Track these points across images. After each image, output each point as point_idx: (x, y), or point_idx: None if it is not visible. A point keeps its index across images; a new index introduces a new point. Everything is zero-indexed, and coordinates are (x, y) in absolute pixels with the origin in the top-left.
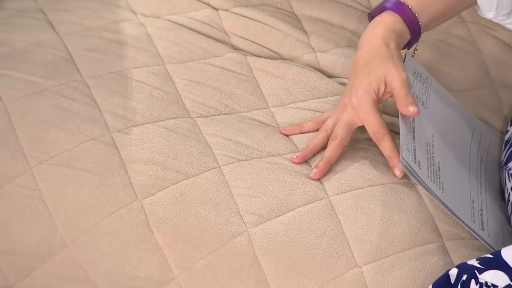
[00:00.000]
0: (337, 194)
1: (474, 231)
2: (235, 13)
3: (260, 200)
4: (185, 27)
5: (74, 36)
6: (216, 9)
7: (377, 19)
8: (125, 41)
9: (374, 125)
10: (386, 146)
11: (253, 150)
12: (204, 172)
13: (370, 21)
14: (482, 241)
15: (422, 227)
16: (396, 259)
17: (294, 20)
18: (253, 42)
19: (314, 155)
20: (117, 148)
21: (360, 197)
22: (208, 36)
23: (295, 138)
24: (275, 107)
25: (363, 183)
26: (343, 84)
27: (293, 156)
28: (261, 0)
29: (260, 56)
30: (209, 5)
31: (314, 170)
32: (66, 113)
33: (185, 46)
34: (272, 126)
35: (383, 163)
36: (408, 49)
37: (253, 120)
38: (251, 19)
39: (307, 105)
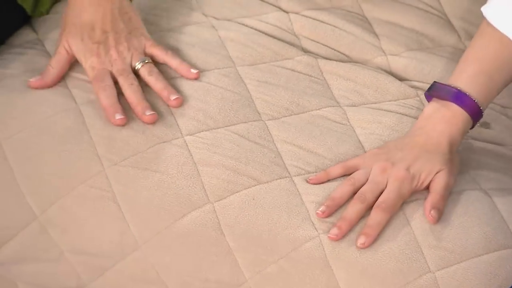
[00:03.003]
0: (407, 202)
1: None
2: (305, 16)
3: None
4: (256, 29)
5: None
6: (287, 12)
7: (446, 114)
8: (196, 44)
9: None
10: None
11: (324, 160)
12: (276, 179)
13: (428, 99)
14: None
15: (496, 232)
16: (471, 265)
17: (364, 23)
18: (323, 45)
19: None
20: (189, 151)
21: None
22: (278, 39)
23: (365, 144)
24: (346, 106)
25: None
26: (415, 87)
27: (318, 211)
28: (331, 3)
29: (330, 59)
30: (279, 8)
31: (335, 231)
32: None
33: (255, 49)
34: (343, 124)
35: None
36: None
37: (325, 120)
38: (321, 21)
39: (379, 107)
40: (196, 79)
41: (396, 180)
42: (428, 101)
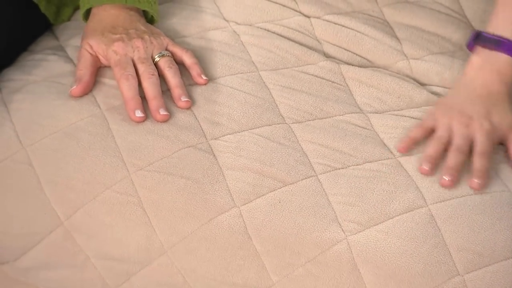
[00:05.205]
0: (436, 203)
1: None
2: (326, 21)
3: (359, 208)
4: (278, 34)
5: None
6: (308, 17)
7: (496, 65)
8: (218, 49)
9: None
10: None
11: (350, 157)
12: (302, 180)
13: (471, 48)
14: None
15: None
16: (500, 268)
17: (386, 27)
18: (345, 49)
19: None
20: (214, 155)
21: (460, 206)
22: (300, 44)
23: (391, 144)
24: (370, 113)
25: (462, 192)
26: (436, 93)
27: (425, 168)
28: (352, 7)
29: (352, 64)
30: (300, 12)
31: (449, 178)
32: None
33: (278, 54)
34: (368, 129)
35: None
36: None
37: (349, 124)
38: (343, 26)
39: (402, 114)
40: (203, 84)
41: (484, 133)
42: (471, 50)
